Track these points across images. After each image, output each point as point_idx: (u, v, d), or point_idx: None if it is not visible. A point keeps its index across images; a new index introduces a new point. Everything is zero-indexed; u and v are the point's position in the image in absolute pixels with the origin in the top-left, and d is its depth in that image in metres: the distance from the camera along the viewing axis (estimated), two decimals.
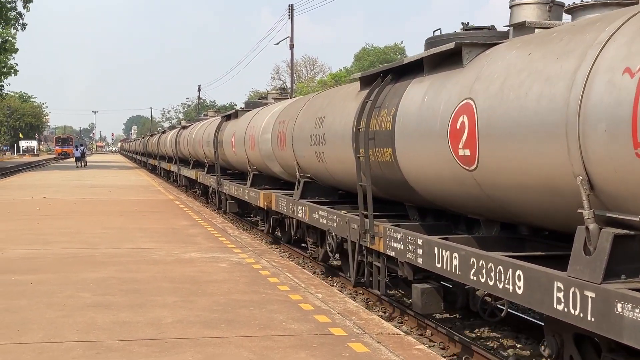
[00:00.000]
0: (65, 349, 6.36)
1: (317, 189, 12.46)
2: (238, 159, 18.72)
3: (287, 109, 14.56)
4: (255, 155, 16.20)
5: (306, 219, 11.68)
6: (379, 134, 8.68)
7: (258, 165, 16.55)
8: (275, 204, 14.04)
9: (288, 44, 45.54)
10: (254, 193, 15.76)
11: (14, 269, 10.39)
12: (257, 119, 16.79)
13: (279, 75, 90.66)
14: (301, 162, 12.53)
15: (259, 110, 17.89)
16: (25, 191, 26.92)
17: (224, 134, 20.66)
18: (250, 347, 6.46)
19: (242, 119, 19.00)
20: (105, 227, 15.60)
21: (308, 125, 11.85)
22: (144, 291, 8.91)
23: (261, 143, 15.46)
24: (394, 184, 8.83)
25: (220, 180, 20.36)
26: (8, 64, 58.36)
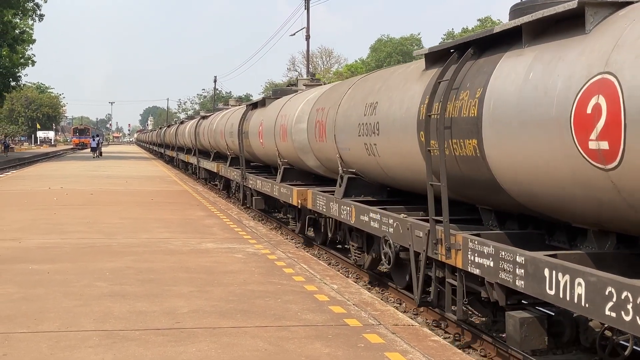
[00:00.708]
0: (81, 338, 6.40)
1: (362, 186, 10.92)
2: (266, 151, 17.17)
3: (327, 95, 12.87)
4: (287, 147, 14.69)
5: (352, 221, 10.14)
6: (458, 122, 7.00)
7: (290, 159, 15.09)
8: (311, 202, 12.52)
9: (304, 35, 45.45)
10: (285, 189, 14.20)
11: (31, 258, 10.47)
12: (290, 106, 15.21)
13: (294, 67, 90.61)
14: (345, 155, 10.99)
15: (290, 98, 16.34)
16: (43, 181, 27.09)
17: (250, 124, 18.99)
18: (265, 337, 6.47)
19: (271, 107, 17.39)
20: (121, 217, 15.67)
21: (355, 112, 10.25)
22: (160, 281, 8.94)
23: (294, 133, 13.98)
24: (474, 184, 7.20)
25: (245, 174, 18.89)
26: (25, 55, 58.65)
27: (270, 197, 16.59)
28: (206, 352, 6.03)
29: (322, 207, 11.80)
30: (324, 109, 12.15)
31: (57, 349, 6.09)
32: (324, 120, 11.84)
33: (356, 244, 10.88)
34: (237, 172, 20.04)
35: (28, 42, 57.31)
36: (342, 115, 10.90)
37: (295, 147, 14.02)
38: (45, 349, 6.09)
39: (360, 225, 9.89)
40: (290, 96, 16.65)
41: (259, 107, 19.01)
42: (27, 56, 58.91)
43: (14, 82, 58.88)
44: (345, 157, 11.06)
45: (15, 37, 52.67)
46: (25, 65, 59.01)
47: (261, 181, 16.78)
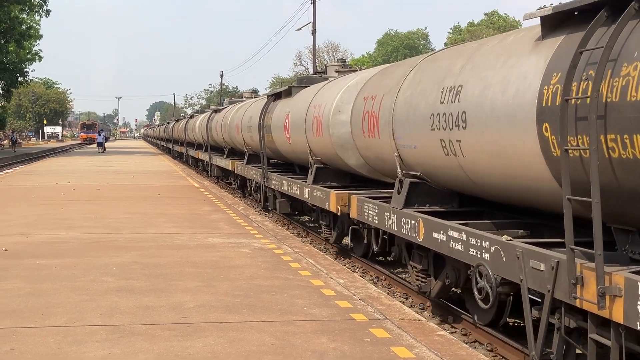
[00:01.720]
0: (88, 333, 6.42)
1: (427, 193, 8.68)
2: (294, 147, 14.95)
3: (377, 80, 10.56)
4: (322, 142, 12.52)
5: (419, 238, 7.98)
6: (621, 108, 4.84)
7: (325, 156, 12.89)
8: (356, 210, 10.30)
9: (310, 30, 45.43)
10: (319, 192, 12.13)
11: (39, 253, 10.50)
12: (325, 95, 12.97)
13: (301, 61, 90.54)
14: (407, 154, 8.67)
15: (323, 85, 14.01)
16: (50, 176, 27.17)
17: (273, 116, 16.59)
18: (271, 332, 6.48)
19: (299, 97, 15.14)
20: (128, 212, 15.70)
21: (425, 100, 8.00)
22: (167, 276, 8.96)
23: (332, 127, 11.83)
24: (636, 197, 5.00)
25: (267, 173, 16.67)
26: (32, 51, 58.79)
27: (296, 200, 14.66)
28: (212, 347, 6.04)
29: (371, 217, 9.61)
30: (374, 97, 9.87)
31: (64, 343, 6.12)
32: (376, 111, 9.60)
33: (419, 265, 8.62)
34: (257, 171, 17.97)
35: (35, 38, 57.44)
36: (404, 104, 8.65)
37: (333, 143, 11.90)
38: (52, 343, 6.11)
39: (434, 246, 7.59)
40: (322, 84, 14.31)
41: (284, 97, 16.67)
42: (34, 52, 59.09)
43: (21, 78, 59.07)
44: (407, 156, 8.75)
45: (22, 32, 52.78)
46: (32, 60, 59.20)
47: (287, 182, 14.67)
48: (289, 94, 16.23)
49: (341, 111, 11.80)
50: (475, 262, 6.63)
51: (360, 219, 10.27)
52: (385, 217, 9.10)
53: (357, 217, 10.38)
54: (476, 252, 6.65)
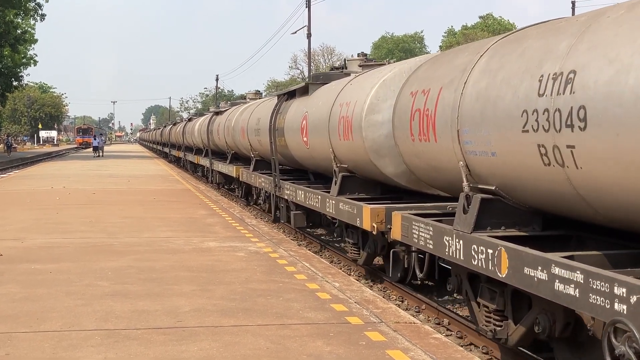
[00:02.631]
0: (83, 337, 6.42)
1: (502, 212, 6.87)
2: (313, 152, 12.97)
3: (430, 70, 8.51)
4: (352, 147, 10.63)
5: (500, 273, 6.13)
6: None
7: (353, 163, 11.02)
8: (400, 230, 8.46)
9: (305, 33, 45.47)
10: (348, 206, 10.34)
11: (34, 258, 10.49)
12: (353, 92, 11.03)
13: (296, 65, 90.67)
14: (479, 162, 6.87)
15: (350, 80, 11.90)
16: (45, 181, 27.13)
17: (286, 118, 14.73)
18: (267, 336, 6.48)
19: (319, 95, 13.24)
20: (123, 217, 15.69)
21: (511, 92, 6.14)
22: (162, 280, 8.96)
23: (366, 129, 10.03)
24: None
25: (278, 181, 14.87)
26: (27, 55, 58.77)
27: (312, 211, 13.17)
28: (208, 351, 6.04)
29: (423, 240, 7.80)
30: (426, 92, 7.99)
31: (59, 348, 6.11)
32: (430, 108, 7.72)
33: (491, 304, 6.82)
34: (266, 179, 16.11)
35: (30, 42, 57.51)
36: (476, 98, 6.81)
37: (366, 148, 10.06)
38: (47, 348, 6.11)
39: (526, 286, 5.80)
40: (348, 79, 12.26)
41: (299, 95, 14.75)
42: (29, 56, 59.14)
43: (16, 82, 59.07)
44: (478, 165, 6.92)
45: (17, 37, 52.77)
46: (27, 65, 59.26)
47: (304, 192, 12.93)
48: (306, 91, 14.20)
49: (376, 110, 10.05)
50: (607, 316, 4.77)
51: (405, 242, 8.50)
52: (445, 242, 7.23)
53: (400, 239, 8.55)
54: (603, 301, 4.83)
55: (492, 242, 6.35)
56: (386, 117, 9.80)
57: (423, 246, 7.87)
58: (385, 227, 9.17)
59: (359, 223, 9.80)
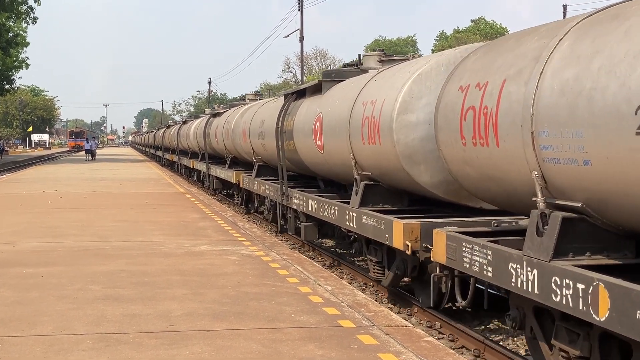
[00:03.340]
0: (75, 341, 6.41)
1: (587, 236, 5.63)
2: (328, 157, 11.56)
3: (485, 60, 7.00)
4: (380, 152, 9.20)
5: (598, 316, 4.86)
6: None
7: (379, 170, 9.60)
8: (445, 251, 7.09)
9: (298, 37, 45.50)
10: (374, 220, 9.00)
11: (26, 261, 10.46)
12: (380, 89, 9.60)
13: (289, 68, 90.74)
14: (562, 172, 5.58)
15: (374, 76, 10.40)
16: (37, 184, 27.06)
17: (296, 119, 13.36)
18: (259, 340, 6.48)
19: (335, 93, 11.80)
20: (116, 220, 15.66)
21: (619, 82, 4.88)
22: (154, 284, 8.95)
23: (398, 131, 8.65)
24: None
25: (286, 189, 13.63)
26: (19, 58, 58.58)
27: (324, 223, 12.00)
28: (200, 355, 6.03)
29: (478, 266, 6.45)
30: (482, 86, 6.67)
31: (50, 352, 6.10)
32: (490, 105, 6.40)
33: (573, 349, 5.64)
34: (272, 187, 14.81)
35: (22, 45, 57.25)
36: (560, 92, 5.50)
37: (397, 153, 8.68)
38: (38, 352, 6.10)
39: None
40: (370, 75, 10.79)
41: (309, 95, 13.33)
42: (20, 59, 58.88)
43: (8, 85, 58.83)
44: (560, 177, 5.63)
45: (8, 40, 52.60)
46: (19, 68, 58.99)
47: (317, 202, 11.62)
48: (318, 90, 12.72)
49: (410, 109, 8.63)
50: None
51: (452, 266, 7.04)
52: (510, 270, 5.93)
53: (446, 263, 7.13)
54: None
55: (584, 275, 4.98)
56: (421, 118, 8.55)
57: (478, 273, 6.50)
58: (421, 246, 7.88)
59: (387, 240, 8.48)
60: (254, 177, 17.19)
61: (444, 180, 8.36)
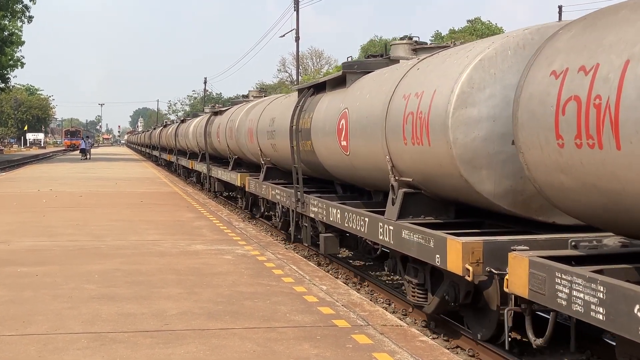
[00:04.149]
0: (70, 340, 6.40)
1: None
2: (355, 161, 10.05)
3: (591, 35, 5.44)
4: (429, 154, 7.58)
5: None
6: None
7: (421, 176, 8.10)
8: (527, 283, 5.70)
9: (294, 36, 45.52)
10: (419, 236, 7.50)
11: (20, 261, 10.45)
12: (426, 77, 8.04)
13: (285, 68, 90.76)
14: None
15: (415, 64, 8.79)
16: (32, 184, 27.02)
17: (314, 117, 11.81)
18: (254, 339, 6.48)
19: (362, 85, 10.31)
20: (111, 220, 15.65)
21: None
22: (149, 283, 8.94)
23: (455, 128, 7.08)
24: None
25: (302, 195, 12.11)
26: (14, 57, 58.45)
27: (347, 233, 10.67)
28: (194, 354, 6.04)
29: (581, 305, 5.09)
30: (593, 69, 5.14)
31: (45, 351, 6.09)
32: (608, 94, 4.89)
33: None
34: (284, 192, 13.46)
35: (17, 44, 57.09)
36: None
37: (454, 156, 7.09)
38: (33, 351, 6.09)
39: None
40: (408, 64, 9.24)
41: (331, 88, 11.79)
42: (16, 58, 58.71)
43: (3, 84, 58.74)
44: None
45: (4, 38, 52.51)
46: (14, 67, 58.84)
47: (340, 211, 10.11)
48: (342, 82, 11.16)
49: (470, 102, 7.08)
50: None
51: (540, 302, 5.63)
52: (638, 315, 4.55)
53: (528, 297, 5.73)
54: None
55: None
56: (484, 113, 7.01)
57: (582, 314, 5.08)
58: (483, 270, 6.49)
59: (438, 262, 7.01)
60: (261, 181, 15.68)
61: (511, 190, 6.99)
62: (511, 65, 7.00)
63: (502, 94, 6.96)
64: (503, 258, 6.20)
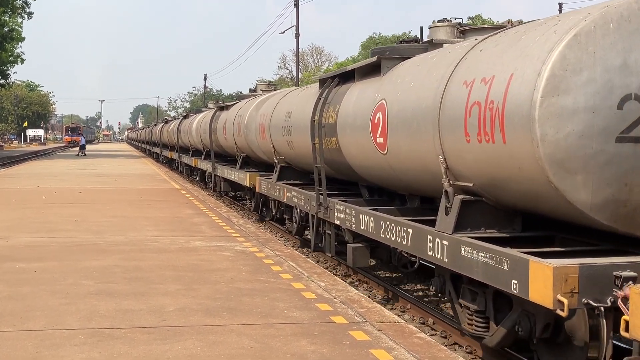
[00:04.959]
0: (67, 336, 6.40)
1: None
2: (394, 161, 8.50)
3: None
4: (505, 154, 6.07)
5: None
6: None
7: (484, 180, 6.64)
8: None
9: (294, 33, 45.51)
10: (486, 255, 6.06)
11: (19, 256, 10.45)
12: (496, 59, 6.47)
13: (285, 65, 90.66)
14: None
15: (477, 44, 7.19)
16: (31, 180, 27.01)
17: (341, 110, 10.30)
18: (251, 335, 6.48)
19: (403, 72, 8.74)
20: (110, 216, 15.64)
21: None
22: (147, 279, 8.94)
23: (544, 121, 5.59)
24: None
25: (325, 199, 10.72)
26: (15, 53, 58.44)
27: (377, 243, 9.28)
28: (192, 350, 6.03)
29: None
30: None
31: (42, 347, 6.09)
32: None
33: None
34: (301, 194, 12.21)
35: (17, 40, 57.12)
36: None
37: (542, 156, 5.59)
38: (30, 347, 6.09)
39: None
40: (465, 45, 7.55)
41: (360, 77, 10.23)
42: (16, 54, 58.73)
43: (3, 80, 58.77)
44: None
45: (4, 35, 52.49)
46: (14, 63, 58.86)
47: (373, 218, 8.76)
48: (376, 70, 9.53)
49: (564, 89, 5.55)
50: None
51: None
52: None
53: None
54: None
55: None
56: (581, 102, 5.52)
57: None
58: (579, 302, 5.16)
59: (515, 289, 5.56)
60: (274, 181, 14.31)
61: (612, 200, 5.57)
62: (614, 42, 5.58)
63: (603, 78, 5.50)
64: (604, 286, 5.13)
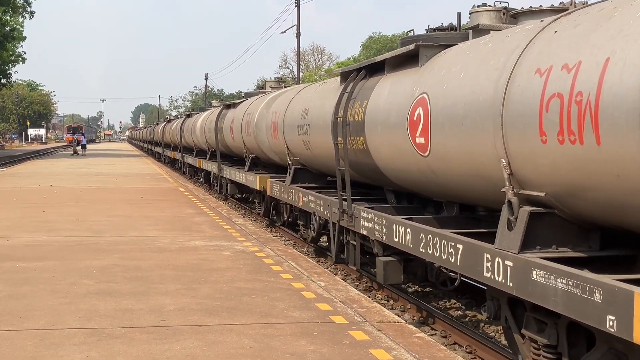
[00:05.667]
0: (67, 336, 6.40)
1: None
2: (437, 164, 7.26)
3: None
4: (591, 157, 4.75)
5: None
6: None
7: (562, 189, 5.32)
8: None
9: (295, 33, 45.50)
10: (567, 283, 4.75)
11: (19, 256, 10.45)
12: (586, 41, 4.95)
13: (286, 64, 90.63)
14: None
15: (547, 25, 5.77)
16: (32, 179, 27.02)
17: (369, 106, 9.05)
18: (251, 335, 6.48)
19: (448, 62, 7.39)
20: (110, 215, 15.64)
21: None
22: (147, 279, 8.94)
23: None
24: None
25: (349, 206, 9.46)
26: (16, 52, 58.44)
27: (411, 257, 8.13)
28: (191, 350, 6.03)
29: None
30: None
31: (42, 346, 6.09)
32: None
33: None
34: (320, 199, 10.96)
35: (18, 40, 57.09)
36: None
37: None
38: (30, 346, 6.08)
39: None
40: (527, 29, 6.14)
41: (393, 69, 8.94)
42: (17, 53, 58.70)
43: (4, 80, 58.76)
44: None
45: (5, 34, 52.49)
46: (15, 62, 58.84)
47: (410, 230, 7.53)
48: (413, 60, 8.21)
49: None
50: None
51: None
52: None
53: None
54: None
55: None
56: None
57: None
58: None
59: (614, 327, 4.35)
60: (288, 184, 13.10)
61: None
62: None
63: None
64: None
